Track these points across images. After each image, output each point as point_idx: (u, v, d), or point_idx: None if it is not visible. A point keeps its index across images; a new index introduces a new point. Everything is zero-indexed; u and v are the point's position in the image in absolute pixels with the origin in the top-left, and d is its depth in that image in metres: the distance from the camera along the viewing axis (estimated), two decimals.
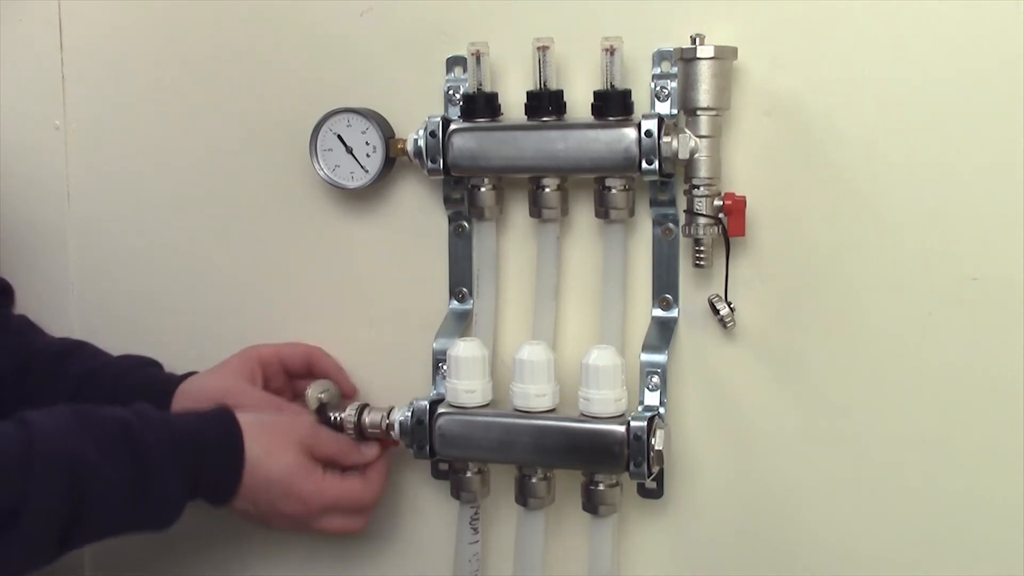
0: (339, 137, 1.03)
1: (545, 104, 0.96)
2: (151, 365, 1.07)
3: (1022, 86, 0.87)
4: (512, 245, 1.03)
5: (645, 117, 0.92)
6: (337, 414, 1.02)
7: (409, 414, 0.99)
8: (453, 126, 0.98)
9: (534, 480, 0.98)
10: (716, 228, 0.93)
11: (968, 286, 0.90)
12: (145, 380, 1.04)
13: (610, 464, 0.94)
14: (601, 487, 0.96)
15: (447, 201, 1.03)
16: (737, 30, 0.93)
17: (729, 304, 0.95)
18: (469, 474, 1.01)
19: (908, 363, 0.93)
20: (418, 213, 1.05)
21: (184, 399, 1.01)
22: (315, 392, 1.03)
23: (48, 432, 0.82)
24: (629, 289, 0.99)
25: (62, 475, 0.81)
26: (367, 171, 1.03)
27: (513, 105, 0.99)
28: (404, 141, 1.01)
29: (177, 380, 1.04)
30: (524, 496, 0.99)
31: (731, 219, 0.92)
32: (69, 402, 1.00)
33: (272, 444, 0.92)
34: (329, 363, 1.07)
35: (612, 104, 0.94)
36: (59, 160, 1.17)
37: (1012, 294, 0.89)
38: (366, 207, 1.07)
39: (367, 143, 1.02)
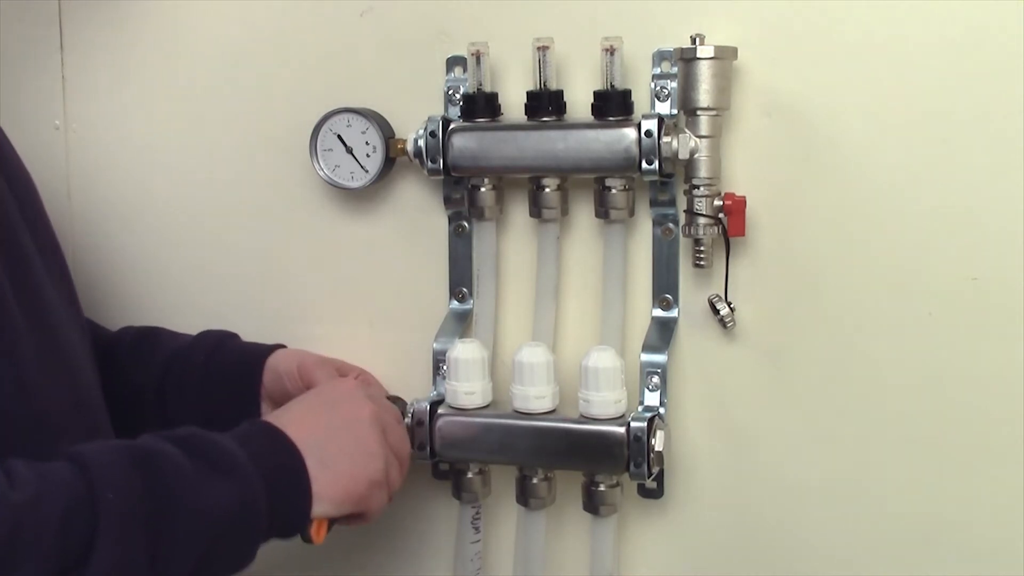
0: (339, 137, 1.03)
1: (545, 104, 0.96)
2: (232, 338, 1.06)
3: (1022, 86, 0.87)
4: (512, 245, 1.03)
5: (645, 117, 0.92)
6: None
7: (409, 415, 0.99)
8: (453, 126, 0.98)
9: (535, 481, 0.98)
10: (716, 228, 0.92)
11: (968, 286, 0.90)
12: (232, 360, 1.03)
13: (610, 465, 0.94)
14: (601, 487, 0.96)
15: (447, 201, 1.03)
16: (737, 30, 0.93)
17: (729, 304, 0.95)
18: (470, 475, 1.01)
19: (908, 363, 0.93)
20: (418, 213, 1.05)
21: (271, 375, 1.01)
22: None
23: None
24: (629, 289, 0.99)
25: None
26: (367, 171, 1.03)
27: (513, 105, 0.99)
28: (404, 141, 1.01)
29: (264, 353, 1.02)
30: (525, 496, 0.99)
31: (731, 219, 0.92)
32: (158, 383, 1.01)
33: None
34: None
35: (612, 104, 0.94)
36: (59, 160, 1.17)
37: (1012, 294, 0.89)
38: (366, 207, 1.07)
39: (367, 143, 1.02)
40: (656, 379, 0.97)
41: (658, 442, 0.93)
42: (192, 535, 0.74)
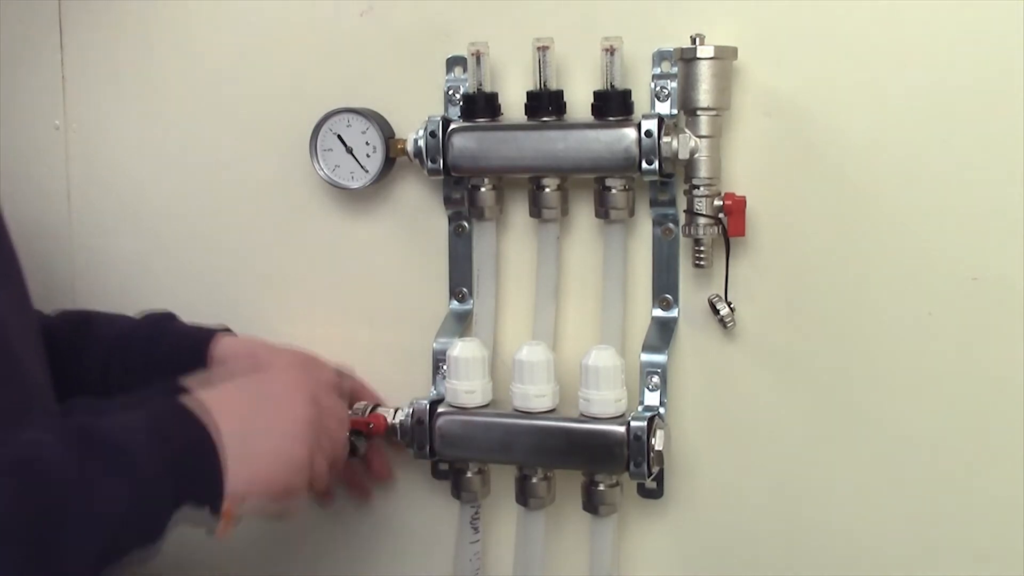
0: (339, 137, 1.03)
1: (545, 104, 0.96)
2: (171, 319, 1.04)
3: (1022, 86, 0.87)
4: (512, 245, 1.03)
5: (645, 117, 0.92)
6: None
7: (409, 414, 0.99)
8: (453, 126, 0.98)
9: (534, 480, 0.98)
10: (716, 228, 0.93)
11: (968, 286, 0.90)
12: (177, 345, 1.01)
13: (610, 464, 0.94)
14: (601, 487, 0.96)
15: (447, 201, 1.03)
16: (737, 30, 0.93)
17: (729, 304, 0.95)
18: (469, 474, 1.01)
19: (908, 363, 0.93)
20: (418, 213, 1.05)
21: (218, 364, 0.99)
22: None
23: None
24: (629, 289, 0.99)
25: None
26: (367, 171, 1.03)
27: (513, 105, 0.99)
28: (404, 141, 1.01)
29: (206, 337, 1.00)
30: (524, 496, 0.99)
31: (731, 219, 0.92)
32: (102, 371, 0.99)
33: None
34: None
35: (612, 104, 0.94)
36: (59, 160, 1.17)
37: (1012, 294, 0.89)
38: (366, 207, 1.07)
39: (367, 143, 1.02)
40: (656, 379, 0.97)
41: (658, 442, 0.93)
42: (85, 539, 0.72)
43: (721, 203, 0.92)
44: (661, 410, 0.96)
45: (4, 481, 0.70)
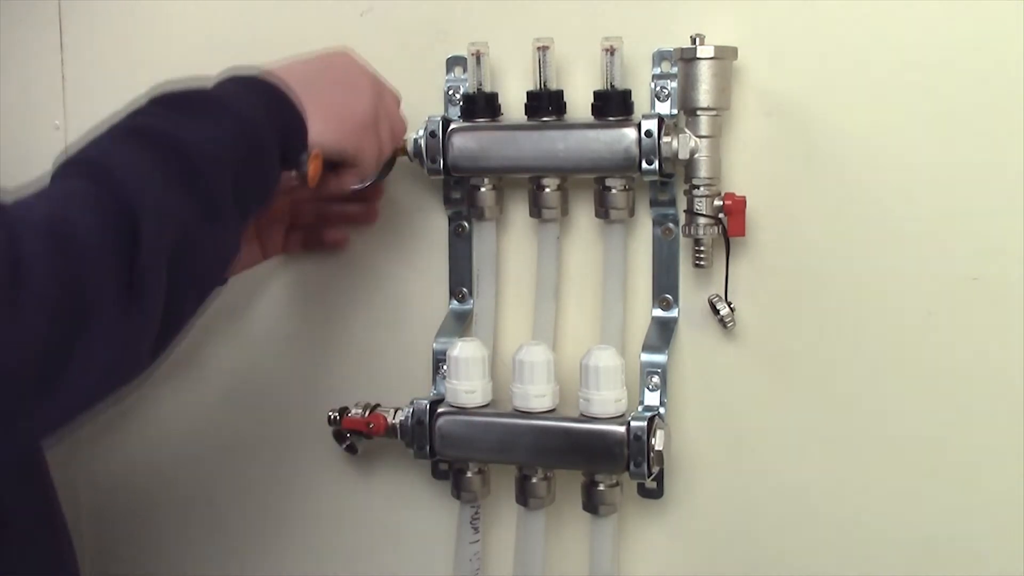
0: None
1: (545, 104, 0.96)
2: None
3: (1022, 86, 0.87)
4: (512, 245, 1.03)
5: (645, 117, 0.92)
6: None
7: (409, 414, 0.99)
8: (453, 126, 0.98)
9: (534, 480, 0.98)
10: (716, 228, 0.93)
11: (968, 286, 0.90)
12: None
13: (610, 464, 0.94)
14: (601, 487, 0.96)
15: (447, 201, 1.03)
16: (737, 30, 0.93)
17: (729, 304, 0.95)
18: (469, 474, 1.01)
19: (908, 363, 0.93)
20: (418, 213, 1.05)
21: None
22: None
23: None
24: (629, 289, 0.99)
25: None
26: None
27: (513, 105, 0.99)
28: (404, 141, 1.01)
29: None
30: (524, 496, 0.99)
31: (731, 219, 0.92)
32: None
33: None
34: None
35: (612, 104, 0.94)
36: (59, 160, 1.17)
37: (1012, 294, 0.89)
38: None
39: None
40: (656, 379, 0.97)
41: (658, 442, 0.93)
42: (218, 171, 0.77)
43: (721, 203, 0.92)
44: (661, 410, 0.96)
45: (154, 152, 0.77)
